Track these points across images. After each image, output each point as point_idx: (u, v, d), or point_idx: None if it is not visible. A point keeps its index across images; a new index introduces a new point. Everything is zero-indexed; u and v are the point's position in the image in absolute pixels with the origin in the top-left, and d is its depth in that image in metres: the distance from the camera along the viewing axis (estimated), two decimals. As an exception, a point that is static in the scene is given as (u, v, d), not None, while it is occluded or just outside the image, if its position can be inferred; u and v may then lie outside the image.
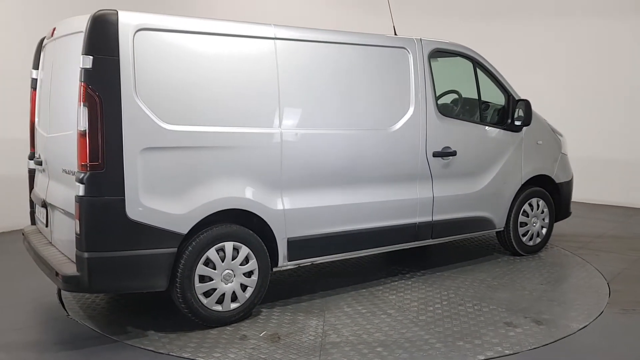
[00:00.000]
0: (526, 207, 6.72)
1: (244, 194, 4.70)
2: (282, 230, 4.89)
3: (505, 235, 6.67)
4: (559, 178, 7.08)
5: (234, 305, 4.70)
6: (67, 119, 4.40)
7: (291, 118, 4.93)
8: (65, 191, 4.46)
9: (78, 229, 4.11)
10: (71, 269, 4.22)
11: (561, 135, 7.40)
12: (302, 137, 4.98)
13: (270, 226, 4.83)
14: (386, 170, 5.53)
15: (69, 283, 4.20)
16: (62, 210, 4.56)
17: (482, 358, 4.14)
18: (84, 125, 4.03)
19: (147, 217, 4.25)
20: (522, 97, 6.53)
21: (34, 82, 5.34)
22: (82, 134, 4.05)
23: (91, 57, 4.02)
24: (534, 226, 6.85)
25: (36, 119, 5.34)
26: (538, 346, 4.34)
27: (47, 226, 4.93)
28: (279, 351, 4.25)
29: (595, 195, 10.33)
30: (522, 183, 6.64)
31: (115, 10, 4.15)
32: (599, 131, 10.32)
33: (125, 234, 4.21)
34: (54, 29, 4.94)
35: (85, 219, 4.09)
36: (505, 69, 11.01)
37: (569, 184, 7.27)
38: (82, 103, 4.02)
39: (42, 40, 5.31)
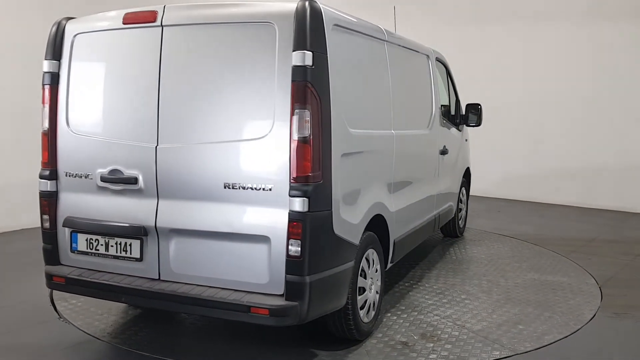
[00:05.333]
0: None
1: (382, 197, 4.70)
2: (394, 232, 4.97)
3: (454, 219, 7.64)
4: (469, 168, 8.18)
5: (372, 314, 4.57)
6: (218, 125, 3.79)
7: (397, 120, 5.09)
8: (218, 211, 3.79)
9: (296, 250, 3.59)
10: (275, 301, 3.63)
11: None
12: (401, 138, 5.14)
13: (389, 229, 4.84)
14: (427, 167, 6.11)
15: (284, 316, 3.60)
16: (205, 232, 3.84)
17: (474, 361, 4.19)
18: (305, 131, 3.56)
19: (342, 229, 3.91)
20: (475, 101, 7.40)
21: (52, 77, 4.30)
22: (303, 141, 3.56)
23: (311, 53, 3.57)
24: (462, 210, 7.97)
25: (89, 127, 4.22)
26: (530, 350, 4.34)
27: (141, 260, 4.03)
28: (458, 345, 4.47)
29: (587, 200, 10.41)
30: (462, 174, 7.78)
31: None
32: (591, 136, 10.39)
33: (331, 250, 3.84)
34: (147, 14, 3.97)
35: (310, 238, 3.59)
36: (494, 73, 11.16)
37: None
38: (301, 105, 3.54)
39: (59, 27, 4.31)
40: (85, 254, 4.23)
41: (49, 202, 4.33)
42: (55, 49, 4.30)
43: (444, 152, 6.58)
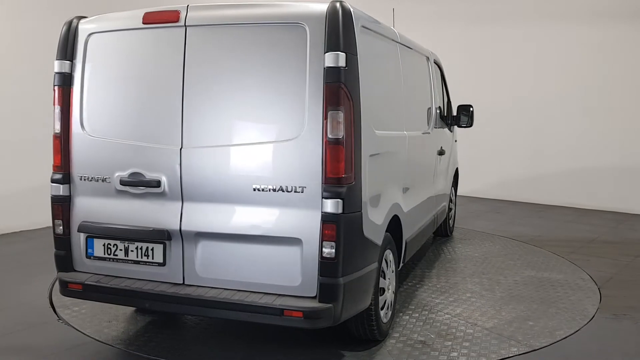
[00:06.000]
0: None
1: (398, 198, 4.71)
2: (406, 232, 5.00)
3: (446, 219, 7.75)
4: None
5: (389, 314, 4.58)
6: (246, 127, 3.78)
7: (408, 121, 5.18)
8: (247, 213, 3.75)
9: (330, 252, 3.57)
10: (308, 303, 3.61)
11: None
12: (412, 139, 5.26)
13: (403, 229, 4.84)
14: (429, 167, 6.19)
15: (319, 318, 3.57)
16: (233, 235, 3.79)
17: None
18: (338, 132, 3.54)
19: (369, 231, 3.91)
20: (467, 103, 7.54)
21: (64, 78, 4.15)
22: (336, 142, 3.55)
23: (344, 54, 3.55)
24: (452, 209, 8.15)
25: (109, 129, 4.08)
26: (528, 351, 4.35)
27: (164, 264, 3.96)
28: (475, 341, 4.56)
29: (586, 201, 10.47)
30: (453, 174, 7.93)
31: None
32: (591, 137, 10.43)
33: (361, 252, 3.84)
34: (169, 14, 3.88)
35: (343, 240, 3.59)
36: (493, 74, 11.17)
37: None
38: (335, 106, 3.53)
39: (71, 27, 4.18)
40: (102, 260, 4.12)
41: (62, 206, 4.20)
42: (68, 49, 4.17)
43: (441, 152, 6.69)
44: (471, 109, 7.35)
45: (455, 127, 7.69)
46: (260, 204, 3.72)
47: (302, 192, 3.64)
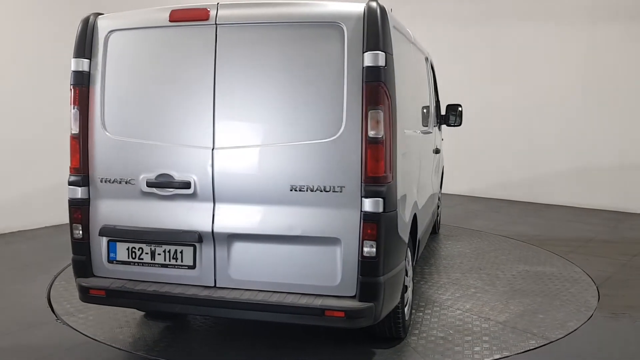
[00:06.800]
0: None
1: (416, 196, 4.73)
2: (419, 230, 5.02)
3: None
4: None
5: (408, 311, 4.61)
6: (281, 126, 3.71)
7: (418, 120, 5.23)
8: (284, 214, 3.71)
9: (371, 251, 3.58)
10: (349, 302, 3.60)
11: None
12: (423, 138, 5.43)
13: (418, 225, 4.85)
14: (431, 166, 6.26)
15: (361, 317, 3.58)
16: (269, 236, 3.75)
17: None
18: (379, 131, 3.54)
19: (401, 229, 3.93)
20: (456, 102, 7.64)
21: (83, 77, 3.99)
22: (377, 141, 3.54)
23: (384, 54, 3.55)
24: (439, 207, 8.28)
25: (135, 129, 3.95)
26: (527, 350, 4.38)
27: (194, 267, 3.88)
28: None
29: (585, 200, 10.59)
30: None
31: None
32: (589, 137, 10.53)
33: (396, 250, 3.84)
34: (199, 12, 3.80)
35: (384, 238, 3.60)
36: (492, 73, 11.13)
37: None
38: (375, 106, 3.54)
39: (89, 24, 4.02)
40: (125, 264, 4.00)
41: (81, 210, 4.05)
42: (86, 47, 4.02)
43: (437, 151, 6.79)
44: (459, 108, 7.48)
45: (443, 126, 7.82)
46: (298, 204, 3.69)
47: (340, 191, 3.63)
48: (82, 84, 4.01)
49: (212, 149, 3.79)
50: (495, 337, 4.58)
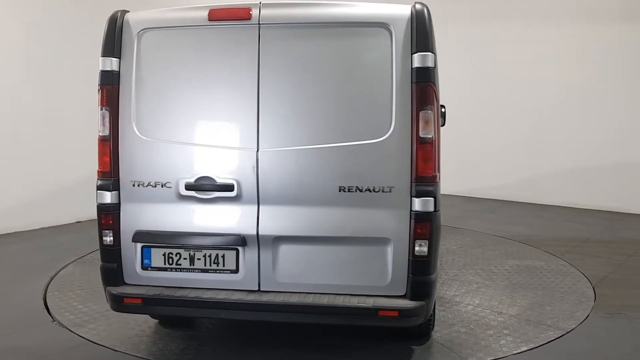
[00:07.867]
0: None
1: None
2: None
3: None
4: None
5: None
6: (328, 127, 3.70)
7: None
8: (332, 215, 3.69)
9: (422, 250, 3.62)
10: (401, 302, 3.64)
11: None
12: None
13: None
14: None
15: (414, 316, 3.64)
16: (317, 238, 3.73)
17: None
18: (429, 131, 3.59)
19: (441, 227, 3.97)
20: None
21: (112, 76, 3.83)
22: (427, 141, 3.59)
23: (433, 55, 3.63)
24: None
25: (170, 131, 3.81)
26: (524, 350, 4.41)
27: (237, 271, 3.79)
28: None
29: (581, 200, 10.62)
30: None
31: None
32: (587, 137, 10.53)
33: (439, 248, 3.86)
34: (240, 11, 3.72)
35: (435, 237, 3.66)
36: (491, 73, 11.14)
37: None
38: (426, 106, 3.60)
39: (117, 22, 3.85)
40: (161, 270, 3.86)
41: (111, 215, 3.87)
42: (115, 45, 3.85)
43: None
44: (443, 109, 7.62)
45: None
46: (346, 205, 3.68)
47: (390, 191, 3.66)
48: (111, 83, 3.83)
49: (257, 151, 3.72)
50: (515, 330, 4.73)
